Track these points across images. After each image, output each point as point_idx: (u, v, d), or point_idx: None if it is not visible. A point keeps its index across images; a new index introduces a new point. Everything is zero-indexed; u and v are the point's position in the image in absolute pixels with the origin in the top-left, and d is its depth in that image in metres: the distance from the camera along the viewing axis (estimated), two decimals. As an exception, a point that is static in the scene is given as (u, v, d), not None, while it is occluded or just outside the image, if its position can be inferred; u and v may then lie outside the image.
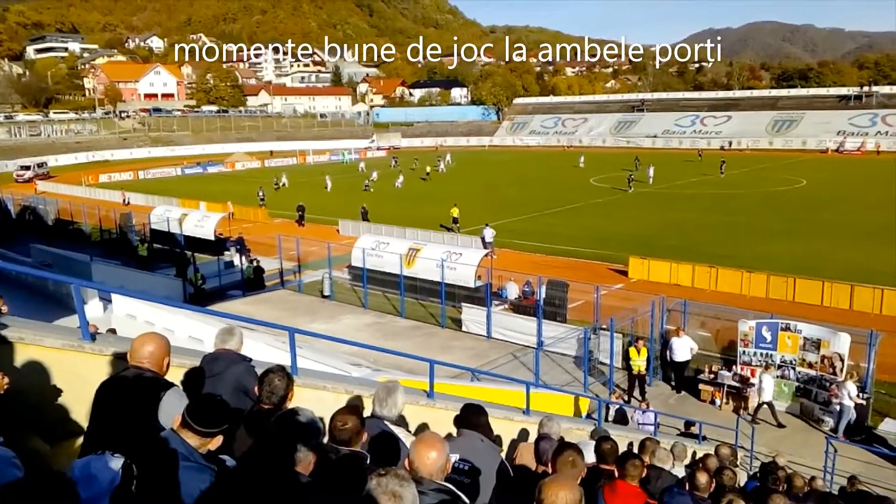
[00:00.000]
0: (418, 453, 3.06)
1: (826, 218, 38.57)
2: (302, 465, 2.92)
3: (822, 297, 22.97)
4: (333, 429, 3.58)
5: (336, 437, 3.53)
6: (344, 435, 3.54)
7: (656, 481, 4.93)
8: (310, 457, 2.94)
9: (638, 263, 27.27)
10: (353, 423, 3.58)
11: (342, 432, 3.55)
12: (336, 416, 3.66)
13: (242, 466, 3.04)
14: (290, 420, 3.17)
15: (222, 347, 4.63)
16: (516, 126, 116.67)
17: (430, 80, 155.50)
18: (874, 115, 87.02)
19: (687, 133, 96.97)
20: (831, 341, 15.27)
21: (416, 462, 3.03)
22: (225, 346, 4.64)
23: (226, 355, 4.54)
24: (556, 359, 18.82)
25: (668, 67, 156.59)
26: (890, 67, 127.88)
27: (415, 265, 24.03)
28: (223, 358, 4.51)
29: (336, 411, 3.72)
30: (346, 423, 3.58)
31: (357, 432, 3.58)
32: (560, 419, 7.58)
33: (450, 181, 60.10)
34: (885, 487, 11.19)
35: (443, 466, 3.08)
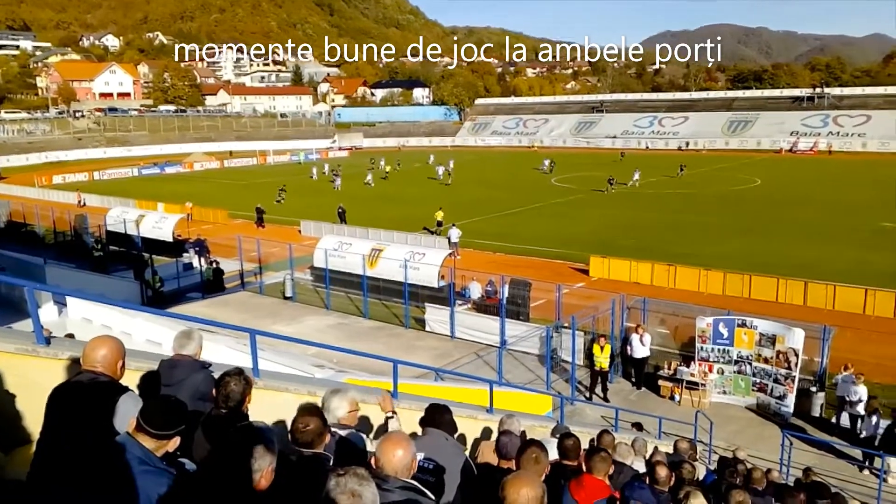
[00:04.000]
0: (384, 451, 3.06)
1: (780, 216, 39.51)
2: (259, 481, 2.83)
3: (777, 294, 23.55)
4: (295, 431, 3.54)
5: (298, 440, 3.50)
6: (306, 437, 3.51)
7: (618, 476, 5.00)
8: (267, 471, 2.82)
9: (598, 262, 27.60)
10: (314, 424, 3.54)
11: (304, 434, 3.51)
12: (297, 418, 3.62)
13: (200, 474, 2.98)
14: (248, 436, 3.03)
15: (180, 353, 4.48)
16: (478, 126, 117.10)
17: (391, 80, 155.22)
18: (826, 115, 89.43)
19: (645, 134, 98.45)
20: (786, 337, 15.64)
21: (382, 460, 3.03)
22: (183, 351, 4.48)
23: (184, 362, 4.40)
24: (520, 357, 18.95)
25: (626, 69, 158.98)
26: (840, 70, 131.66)
27: (378, 266, 23.95)
28: (182, 365, 4.37)
29: (297, 413, 3.68)
30: (307, 424, 3.54)
31: (319, 434, 3.54)
32: (522, 417, 7.64)
33: (410, 183, 59.94)
34: (838, 478, 11.53)
35: (409, 464, 3.08)
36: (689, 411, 15.24)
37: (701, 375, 16.62)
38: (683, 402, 16.44)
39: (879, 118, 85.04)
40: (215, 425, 3.63)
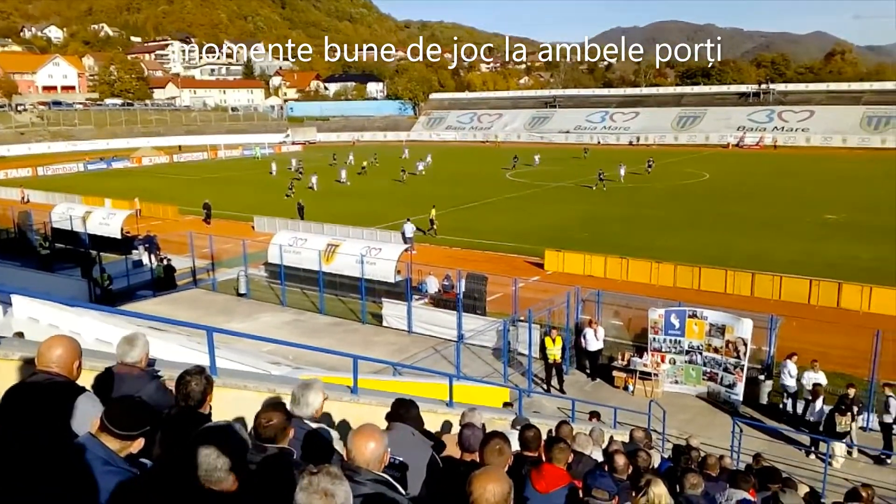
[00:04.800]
0: (356, 444, 3.07)
1: (728, 210, 40.52)
2: (224, 485, 2.78)
3: (726, 285, 24.17)
4: (258, 426, 3.51)
5: (261, 435, 3.47)
6: (269, 432, 3.48)
7: (577, 465, 5.09)
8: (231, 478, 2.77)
9: (553, 256, 27.92)
10: (277, 419, 3.53)
11: (266, 429, 3.49)
12: (260, 414, 3.59)
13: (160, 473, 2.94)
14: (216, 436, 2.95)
15: (124, 362, 4.17)
16: (433, 121, 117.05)
17: (345, 74, 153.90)
18: (771, 111, 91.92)
19: (598, 129, 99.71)
20: (735, 327, 16.08)
21: (354, 452, 3.04)
22: (126, 359, 4.16)
23: (129, 375, 4.10)
24: (477, 351, 19.07)
25: (578, 65, 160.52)
26: (785, 66, 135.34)
27: (334, 261, 23.80)
28: (128, 379, 4.07)
29: (261, 408, 3.64)
30: (270, 419, 3.52)
31: (283, 429, 3.53)
32: (482, 410, 7.71)
33: (376, 177, 59.49)
34: (787, 463, 11.92)
35: (380, 457, 3.10)
36: (642, 401, 15.55)
37: (654, 366, 16.98)
38: (637, 392, 16.77)
39: (822, 113, 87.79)
40: (177, 424, 3.57)
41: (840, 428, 13.14)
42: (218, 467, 2.60)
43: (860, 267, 26.24)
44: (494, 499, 2.67)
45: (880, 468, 13.35)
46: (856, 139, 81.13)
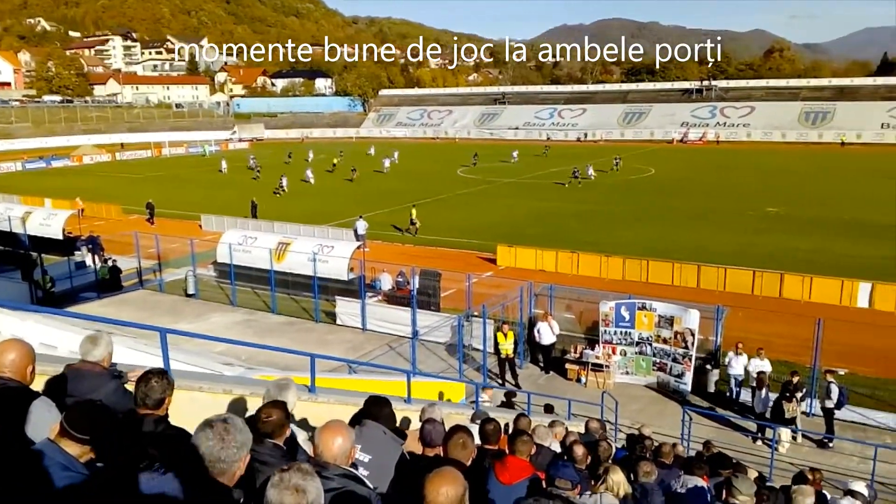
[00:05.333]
0: (324, 439, 3.08)
1: (674, 204, 41.44)
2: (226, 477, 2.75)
3: (673, 277, 24.75)
4: (258, 421, 3.59)
5: (259, 430, 3.55)
6: (267, 427, 3.56)
7: (538, 457, 5.16)
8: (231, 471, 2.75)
9: (505, 251, 28.14)
10: (277, 416, 3.61)
11: (265, 424, 3.56)
12: (262, 409, 3.69)
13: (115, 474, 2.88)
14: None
15: (86, 360, 4.10)
16: (383, 117, 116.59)
17: (292, 69, 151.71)
18: (714, 107, 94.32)
19: (546, 125, 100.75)
20: (683, 318, 16.48)
21: (321, 447, 3.04)
22: (89, 357, 4.10)
23: (91, 372, 4.04)
24: (432, 347, 19.11)
25: (526, 61, 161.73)
26: (726, 63, 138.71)
27: (285, 259, 23.52)
28: (88, 376, 4.01)
29: (263, 404, 3.75)
30: (270, 415, 3.60)
31: (281, 426, 3.61)
32: (441, 405, 7.74)
33: (343, 174, 58.79)
34: (735, 449, 12.28)
35: (347, 452, 3.11)
36: (595, 392, 15.82)
37: (605, 357, 17.30)
38: (589, 384, 17.05)
39: (762, 109, 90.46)
40: (134, 426, 3.50)
41: (788, 414, 13.62)
42: (221, 458, 2.59)
43: (800, 258, 27.17)
44: (448, 501, 2.65)
45: (823, 452, 13.87)
46: (794, 134, 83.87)
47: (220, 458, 2.58)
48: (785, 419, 13.64)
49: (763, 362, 15.26)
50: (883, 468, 12.40)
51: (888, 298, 21.75)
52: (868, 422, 14.81)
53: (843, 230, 32.94)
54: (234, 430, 2.63)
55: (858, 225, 34.12)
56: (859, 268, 24.79)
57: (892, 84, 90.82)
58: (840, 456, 13.55)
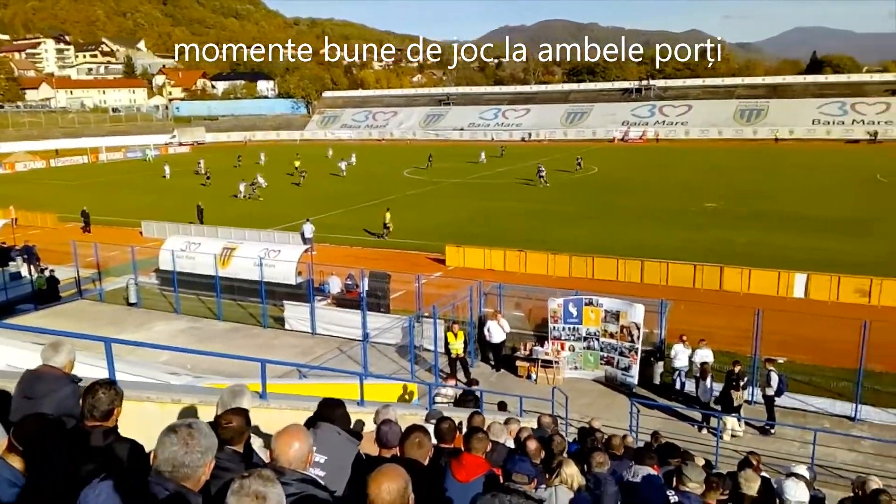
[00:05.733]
0: (280, 444, 3.05)
1: (616, 201, 42.25)
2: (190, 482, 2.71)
3: (618, 273, 25.25)
4: (217, 426, 3.51)
5: (219, 436, 3.44)
6: (226, 434, 3.48)
7: (493, 453, 5.21)
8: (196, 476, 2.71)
9: (454, 251, 28.26)
10: (237, 422, 3.55)
11: (226, 430, 3.49)
12: (222, 415, 3.63)
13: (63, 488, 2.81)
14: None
15: (47, 365, 4.15)
16: (327, 119, 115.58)
17: (233, 72, 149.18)
18: (653, 106, 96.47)
19: (491, 126, 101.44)
20: (628, 312, 16.84)
21: (278, 452, 3.01)
22: (50, 363, 4.15)
23: (50, 375, 4.08)
24: (383, 349, 19.05)
25: (470, 63, 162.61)
26: (664, 63, 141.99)
27: (230, 265, 23.14)
28: (46, 378, 4.04)
29: (224, 410, 3.67)
30: (230, 421, 3.54)
31: (241, 432, 3.55)
32: (395, 406, 7.73)
33: (278, 178, 57.94)
34: (681, 439, 12.59)
35: (305, 457, 3.09)
36: (545, 388, 16.02)
37: (554, 353, 17.54)
38: (540, 380, 17.26)
39: (699, 107, 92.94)
40: (81, 439, 3.41)
41: (736, 402, 14.08)
42: (185, 463, 2.55)
43: (738, 251, 28.05)
44: (390, 497, 2.69)
45: (765, 438, 14.34)
46: (730, 131, 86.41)
47: (183, 463, 2.55)
48: (733, 407, 14.08)
49: (706, 353, 15.70)
50: (822, 451, 12.90)
51: (823, 288, 22.62)
52: (807, 407, 15.39)
53: (779, 223, 34.12)
54: (199, 434, 2.60)
55: (793, 218, 35.40)
56: (795, 259, 25.71)
57: (821, 82, 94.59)
58: (782, 441, 14.03)
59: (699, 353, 15.73)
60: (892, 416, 14.80)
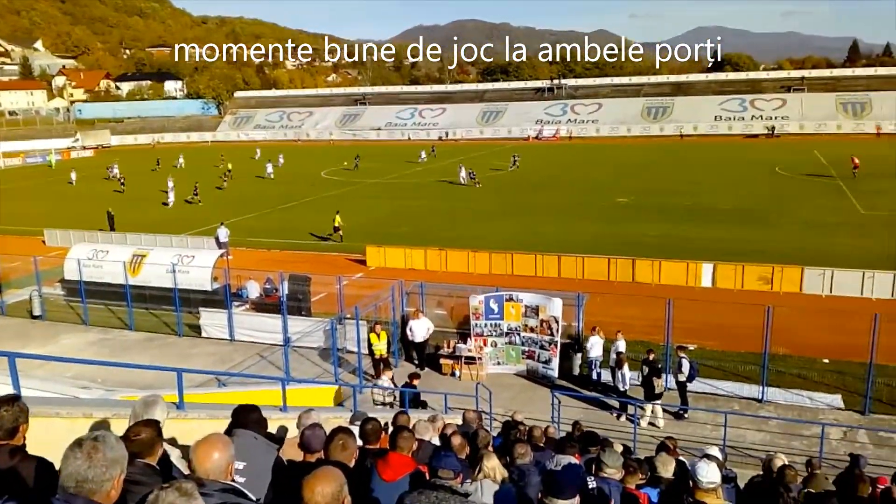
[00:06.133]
0: (199, 454, 2.97)
1: (533, 198, 43.06)
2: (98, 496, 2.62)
3: (536, 268, 25.77)
4: (126, 439, 3.34)
5: (129, 449, 3.32)
6: (136, 446, 3.35)
7: (419, 452, 5.25)
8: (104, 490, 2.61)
9: (374, 252, 28.16)
10: (146, 434, 3.42)
11: (134, 443, 3.36)
12: (131, 427, 3.50)
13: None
14: None
15: None
16: (240, 120, 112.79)
17: (138, 72, 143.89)
18: (565, 104, 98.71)
19: (408, 125, 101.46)
20: (547, 306, 17.23)
21: (197, 463, 2.94)
22: None
23: None
24: (305, 353, 18.80)
25: (385, 62, 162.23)
26: (574, 63, 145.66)
27: (141, 272, 22.31)
28: None
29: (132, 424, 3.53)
30: (138, 433, 3.42)
31: (150, 445, 3.43)
32: (319, 410, 7.66)
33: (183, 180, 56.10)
34: (601, 427, 12.97)
35: (226, 466, 3.02)
36: (469, 384, 16.18)
37: (477, 350, 17.74)
38: (464, 377, 17.42)
39: (609, 106, 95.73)
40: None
41: (658, 389, 14.61)
42: (89, 478, 2.46)
43: (649, 244, 29.11)
44: (324, 500, 2.69)
45: (679, 422, 14.95)
46: (638, 128, 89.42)
47: (87, 478, 2.46)
48: (655, 394, 14.62)
49: (620, 343, 16.22)
50: (733, 433, 13.57)
51: (728, 277, 23.75)
52: (717, 391, 16.14)
53: (686, 216, 35.59)
54: (104, 447, 2.51)
55: (699, 210, 37.00)
56: (702, 250, 26.87)
57: (722, 80, 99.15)
58: (695, 425, 14.67)
59: (616, 344, 16.24)
60: (796, 397, 15.71)
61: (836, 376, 16.33)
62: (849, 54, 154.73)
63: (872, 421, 14.63)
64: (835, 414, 15.02)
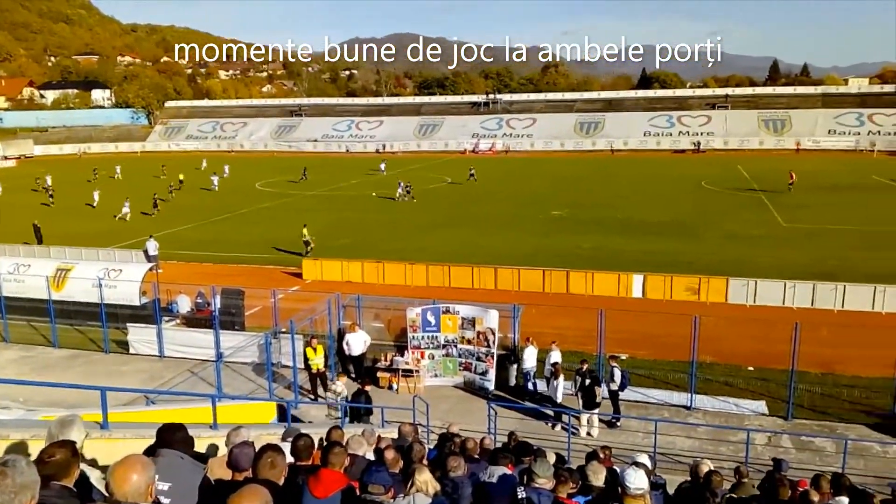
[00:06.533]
0: (116, 476, 2.88)
1: (470, 211, 43.41)
2: None
3: (473, 280, 25.95)
4: (39, 462, 3.24)
5: (40, 472, 3.19)
6: (49, 469, 3.23)
7: (352, 467, 5.21)
8: None
9: (311, 264, 27.86)
10: (61, 455, 3.28)
11: (47, 466, 3.23)
12: (45, 448, 3.37)
13: None
14: None
15: None
16: (171, 130, 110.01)
17: (64, 80, 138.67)
18: (500, 119, 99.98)
19: (345, 137, 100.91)
20: (484, 318, 17.37)
21: (114, 485, 2.85)
22: None
23: None
24: (238, 368, 18.42)
25: (321, 74, 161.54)
26: (509, 78, 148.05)
27: (66, 287, 21.47)
28: None
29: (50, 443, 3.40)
30: (52, 454, 3.29)
31: (65, 466, 3.29)
32: (250, 427, 7.52)
33: (118, 190, 54.23)
34: (537, 437, 13.13)
35: (144, 488, 2.93)
36: (406, 397, 16.14)
37: (414, 363, 17.72)
38: (401, 390, 17.37)
39: (543, 121, 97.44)
40: None
41: (598, 399, 14.87)
42: None
43: (582, 256, 29.71)
44: None
45: (612, 431, 15.25)
46: (571, 143, 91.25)
47: None
48: (594, 403, 14.88)
49: (555, 354, 16.47)
50: (663, 440, 13.93)
51: (658, 288, 24.43)
52: (648, 399, 16.54)
53: (618, 228, 36.49)
54: (14, 472, 2.42)
55: (630, 223, 37.98)
56: (633, 262, 27.59)
57: (650, 97, 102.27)
58: (627, 433, 14.98)
59: (550, 355, 16.47)
60: (723, 404, 16.24)
61: (760, 383, 16.96)
62: (770, 74, 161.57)
63: (795, 426, 15.22)
64: (760, 420, 15.59)
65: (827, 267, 26.97)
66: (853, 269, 26.22)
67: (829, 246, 31.41)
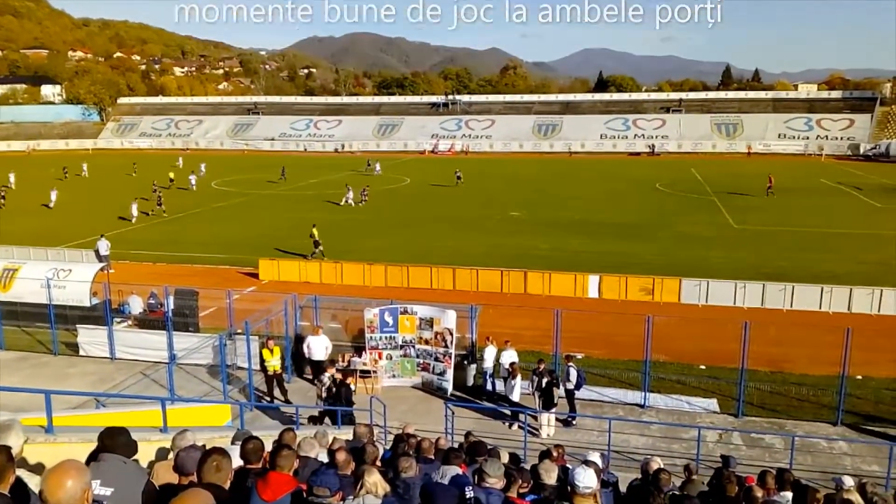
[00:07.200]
0: (50, 483, 2.80)
1: (429, 211, 43.43)
2: None
3: (431, 281, 25.96)
4: None
5: None
6: None
7: (303, 469, 5.16)
8: None
9: (268, 265, 27.55)
10: None
11: None
12: None
13: None
14: None
15: None
16: (124, 127, 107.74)
17: (12, 75, 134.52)
18: (459, 119, 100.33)
19: (303, 136, 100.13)
20: (442, 318, 17.39)
21: (47, 493, 2.76)
22: None
23: None
24: (192, 370, 18.11)
25: (278, 72, 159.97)
26: (468, 79, 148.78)
27: (12, 287, 20.82)
28: None
29: None
30: None
31: (2, 471, 3.19)
32: (200, 430, 7.41)
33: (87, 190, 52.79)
34: (493, 437, 13.20)
35: (79, 495, 2.85)
36: (364, 398, 16.05)
37: (372, 363, 17.66)
38: (359, 390, 17.19)
39: (501, 122, 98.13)
40: None
41: (557, 398, 14.99)
42: None
43: (540, 256, 29.97)
44: None
45: (568, 429, 15.41)
46: (529, 144, 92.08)
47: None
48: (553, 402, 15.00)
49: (511, 353, 16.58)
50: (617, 438, 14.11)
51: (613, 288, 24.77)
52: (603, 398, 16.76)
53: (575, 229, 36.90)
54: None
55: (586, 224, 38.45)
56: (589, 262, 27.92)
57: (607, 100, 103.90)
58: (583, 431, 15.14)
59: (505, 355, 16.58)
60: (675, 402, 16.54)
61: (711, 381, 17.31)
62: (722, 78, 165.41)
63: (745, 423, 15.58)
64: (711, 417, 15.93)
65: (776, 268, 27.71)
66: (802, 270, 26.99)
67: (778, 247, 32.27)
